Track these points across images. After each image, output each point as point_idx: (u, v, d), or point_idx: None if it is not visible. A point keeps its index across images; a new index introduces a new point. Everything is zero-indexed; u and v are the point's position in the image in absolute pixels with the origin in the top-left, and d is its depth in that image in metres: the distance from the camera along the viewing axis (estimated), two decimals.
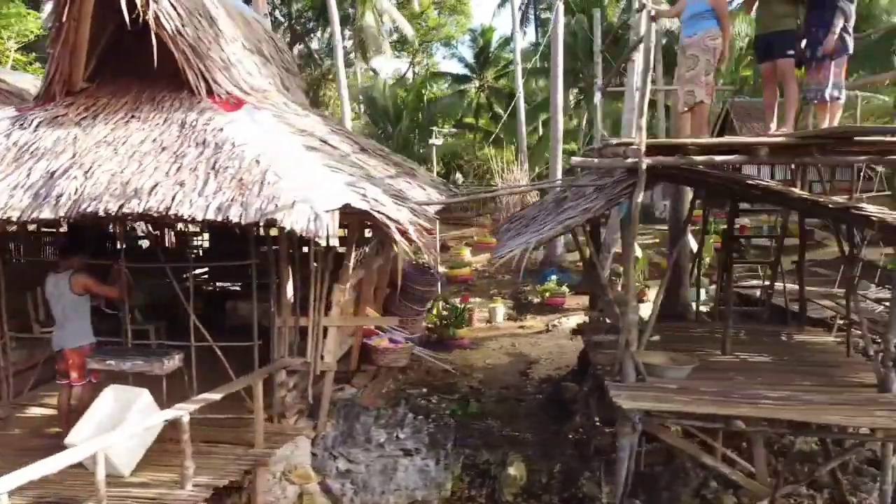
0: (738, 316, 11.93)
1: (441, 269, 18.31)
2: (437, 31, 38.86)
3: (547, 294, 15.61)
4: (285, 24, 35.33)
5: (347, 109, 18.38)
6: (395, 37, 37.20)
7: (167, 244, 13.34)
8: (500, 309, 15.40)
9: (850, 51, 6.36)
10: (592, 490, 8.55)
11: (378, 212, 6.08)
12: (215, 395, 6.57)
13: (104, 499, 5.45)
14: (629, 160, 5.73)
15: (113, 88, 7.98)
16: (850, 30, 6.34)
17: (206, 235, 13.63)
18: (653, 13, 6.17)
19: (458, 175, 34.73)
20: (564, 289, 15.75)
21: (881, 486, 7.33)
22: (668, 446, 7.91)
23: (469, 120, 36.33)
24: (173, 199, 5.89)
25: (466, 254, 19.34)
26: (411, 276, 10.32)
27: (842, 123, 6.41)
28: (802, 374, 7.74)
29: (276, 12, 37.20)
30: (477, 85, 37.10)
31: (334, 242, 5.86)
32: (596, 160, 6.12)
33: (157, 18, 7.19)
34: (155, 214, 5.83)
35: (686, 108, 6.90)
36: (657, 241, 19.21)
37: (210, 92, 7.56)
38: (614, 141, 5.98)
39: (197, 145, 6.70)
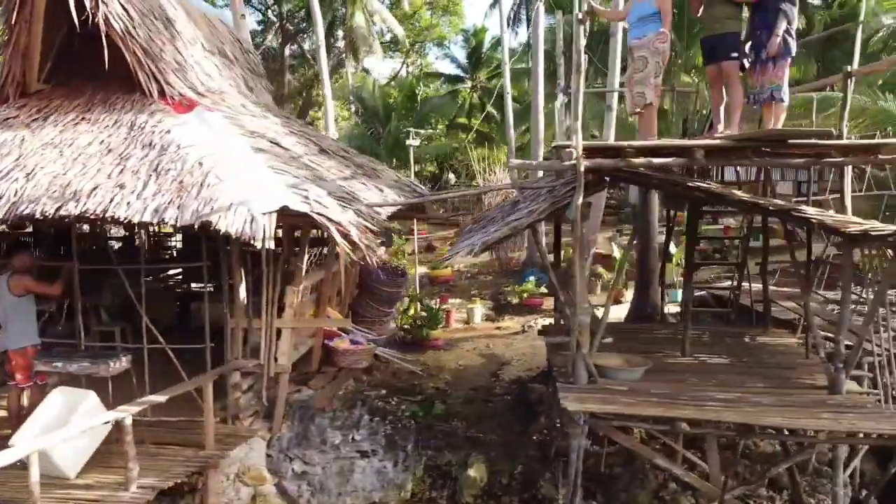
0: (708, 317, 11.94)
1: (422, 269, 18.32)
2: (429, 31, 38.82)
3: (525, 295, 15.59)
4: (277, 25, 35.31)
5: (331, 110, 18.35)
6: (388, 37, 37.20)
7: (140, 245, 13.32)
8: (478, 310, 15.38)
9: (793, 53, 6.34)
10: (550, 491, 8.54)
11: (318, 213, 6.06)
12: (160, 398, 6.56)
13: (38, 501, 5.43)
14: (567, 162, 5.71)
15: (67, 90, 7.99)
16: (793, 32, 6.32)
17: (180, 237, 13.62)
18: (586, 8, 6.15)
19: (451, 175, 34.71)
20: (543, 289, 15.71)
21: (833, 486, 7.32)
22: (626, 448, 7.90)
23: (462, 120, 36.32)
24: (111, 201, 5.89)
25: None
26: (378, 278, 10.30)
27: (787, 125, 6.42)
28: (757, 376, 7.71)
29: (269, 12, 37.30)
30: (469, 85, 37.12)
31: (271, 245, 5.82)
32: (534, 162, 6.11)
33: (107, 20, 7.19)
34: (92, 217, 5.83)
35: (636, 110, 6.89)
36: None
37: (162, 93, 7.56)
38: (556, 144, 5.97)
39: (143, 147, 6.70)
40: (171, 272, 12.70)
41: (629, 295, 14.00)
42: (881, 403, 6.44)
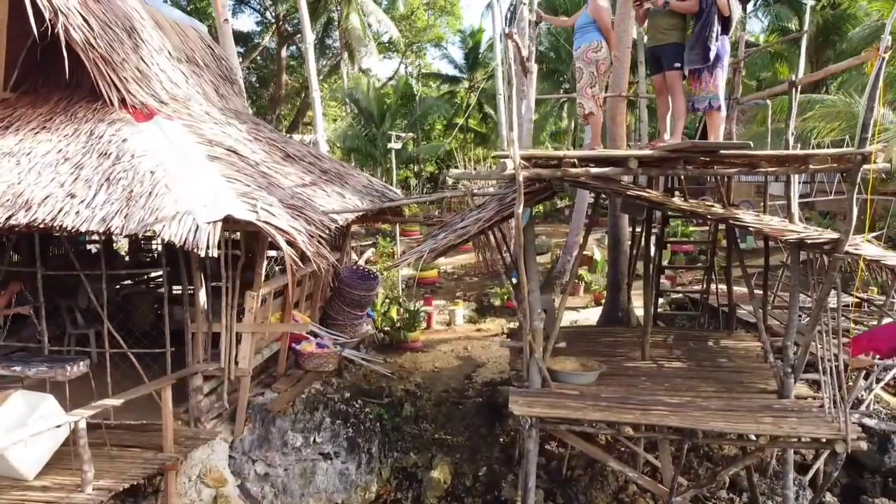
0: (685, 319, 12.03)
1: (408, 270, 18.42)
2: (426, 32, 38.93)
3: (507, 297, 15.67)
4: (274, 26, 35.45)
5: (319, 112, 18.43)
6: (386, 38, 37.31)
7: (115, 250, 13.46)
8: (460, 311, 15.47)
9: (724, 64, 6.41)
10: (512, 494, 8.68)
11: (264, 222, 6.18)
12: (116, 401, 6.69)
13: None
14: (506, 171, 5.81)
15: (33, 98, 8.13)
16: (727, 41, 6.39)
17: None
18: (534, 18, 6.25)
19: (449, 178, 34.82)
20: None
21: (783, 489, 7.42)
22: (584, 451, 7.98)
23: (459, 120, 36.46)
24: (60, 210, 6.03)
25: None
26: (348, 281, 10.40)
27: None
28: (711, 380, 7.80)
29: (268, 13, 37.45)
30: (467, 86, 37.25)
31: (215, 253, 5.92)
32: (474, 171, 6.20)
33: (66, 31, 7.31)
34: (42, 226, 5.96)
35: (582, 119, 6.99)
36: None
37: (123, 102, 7.67)
38: (496, 154, 6.07)
39: (99, 156, 6.83)
40: (153, 274, 12.83)
41: None
42: (825, 408, 6.48)
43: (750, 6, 29.16)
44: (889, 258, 6.63)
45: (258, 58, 37.75)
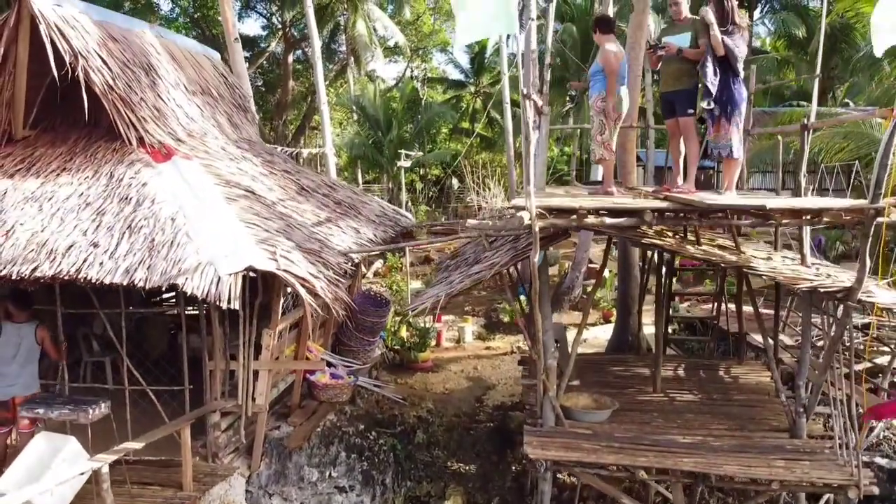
0: (693, 343, 12.08)
1: (417, 283, 18.53)
2: (432, 37, 39.01)
3: (516, 313, 15.73)
4: (280, 33, 35.52)
5: (327, 124, 18.56)
6: (392, 42, 37.39)
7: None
8: (469, 328, 15.57)
9: (742, 110, 6.47)
10: None
11: (284, 271, 6.27)
12: (137, 444, 6.79)
13: None
14: (523, 223, 5.88)
15: (53, 136, 8.23)
16: (742, 87, 6.45)
17: None
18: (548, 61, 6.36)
19: (455, 180, 34.89)
20: None
21: None
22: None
23: (465, 125, 36.55)
24: (84, 261, 6.12)
25: None
26: (362, 308, 10.48)
27: None
28: (722, 416, 7.88)
29: (274, 18, 37.55)
30: (472, 90, 37.32)
31: (236, 306, 6.02)
32: (490, 223, 6.29)
33: (86, 73, 7.41)
34: (66, 277, 6.06)
35: (595, 161, 7.09)
36: None
37: (142, 141, 7.75)
38: (511, 203, 6.15)
39: (120, 201, 6.92)
40: (166, 295, 12.93)
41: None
42: (837, 451, 6.56)
43: (757, 13, 29.23)
44: None
45: (264, 62, 37.88)
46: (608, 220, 5.92)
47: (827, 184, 14.83)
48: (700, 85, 6.40)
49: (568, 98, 29.88)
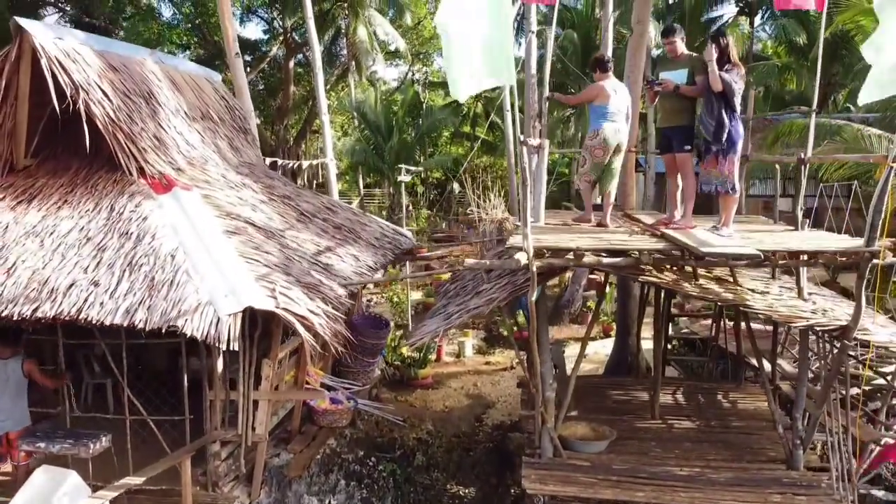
0: (693, 363, 12.10)
1: (417, 295, 18.58)
2: (433, 41, 38.97)
3: (515, 328, 15.76)
4: (281, 38, 35.52)
5: (329, 137, 18.59)
6: (393, 47, 37.37)
7: None
8: (469, 342, 15.61)
9: (738, 149, 6.50)
10: None
11: (284, 309, 6.31)
12: (137, 479, 6.83)
13: None
14: (520, 265, 5.92)
15: (54, 165, 8.28)
16: (740, 125, 6.48)
17: None
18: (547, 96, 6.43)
19: (456, 185, 34.90)
20: None
21: None
22: None
23: (466, 129, 36.53)
24: (85, 301, 6.17)
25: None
26: (361, 329, 10.51)
27: None
28: (719, 445, 7.93)
29: (275, 23, 37.53)
30: (474, 95, 37.26)
31: (236, 346, 6.08)
32: (487, 262, 6.34)
33: (87, 106, 7.45)
34: (66, 318, 6.10)
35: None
36: None
37: (142, 172, 7.80)
38: (509, 245, 6.21)
39: (120, 236, 6.96)
40: None
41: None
42: (833, 484, 6.60)
43: (757, 20, 29.21)
44: None
45: (266, 67, 37.85)
46: (605, 260, 5.96)
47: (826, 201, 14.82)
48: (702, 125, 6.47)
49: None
